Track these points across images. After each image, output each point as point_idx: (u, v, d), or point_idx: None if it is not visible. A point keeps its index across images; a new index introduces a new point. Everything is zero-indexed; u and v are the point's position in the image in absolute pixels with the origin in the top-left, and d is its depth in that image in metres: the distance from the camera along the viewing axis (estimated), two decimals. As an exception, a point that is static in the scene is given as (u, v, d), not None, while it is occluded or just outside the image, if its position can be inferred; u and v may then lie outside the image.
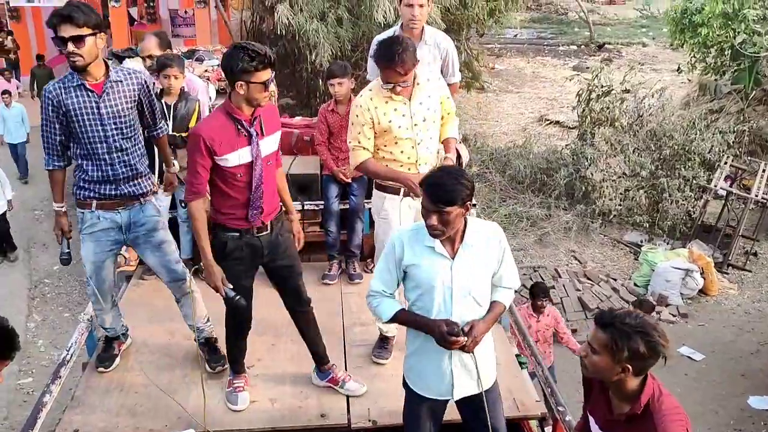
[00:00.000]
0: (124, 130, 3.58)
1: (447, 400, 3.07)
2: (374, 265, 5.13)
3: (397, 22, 4.73)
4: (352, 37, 10.78)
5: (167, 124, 4.66)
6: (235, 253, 3.48)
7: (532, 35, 24.66)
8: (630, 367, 2.38)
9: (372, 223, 5.32)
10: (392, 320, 3.00)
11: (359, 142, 3.76)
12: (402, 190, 3.83)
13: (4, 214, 9.16)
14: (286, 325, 3.80)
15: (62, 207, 3.74)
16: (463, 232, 2.86)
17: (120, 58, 6.37)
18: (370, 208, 5.18)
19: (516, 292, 3.13)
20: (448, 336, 2.79)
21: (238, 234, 3.44)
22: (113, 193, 3.64)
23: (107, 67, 3.55)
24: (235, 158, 3.31)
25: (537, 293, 6.27)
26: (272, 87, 3.83)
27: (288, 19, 10.15)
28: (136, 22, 16.85)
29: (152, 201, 3.84)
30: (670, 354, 2.48)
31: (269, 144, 3.43)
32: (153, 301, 4.64)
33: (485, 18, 13.29)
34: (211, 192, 3.45)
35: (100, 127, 3.52)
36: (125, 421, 3.63)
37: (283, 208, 3.67)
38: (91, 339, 4.17)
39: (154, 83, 4.81)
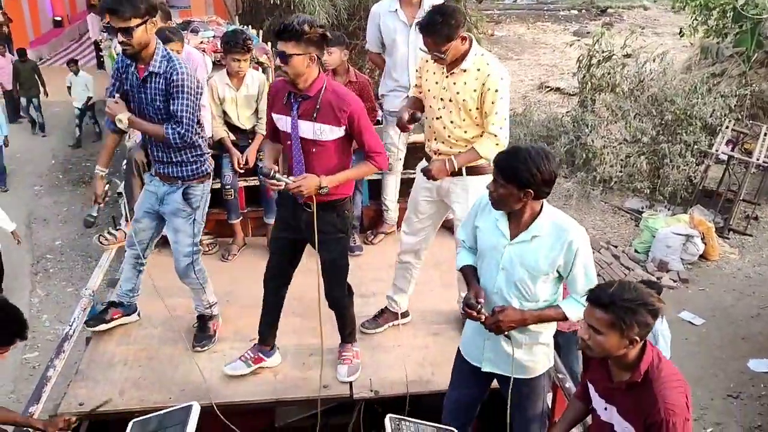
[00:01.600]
0: (156, 120, 3.59)
1: (485, 372, 3.06)
2: (374, 236, 5.19)
3: (393, -10, 4.66)
4: (348, 5, 10.65)
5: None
6: (281, 199, 3.63)
7: (532, 0, 24.34)
8: (637, 338, 2.39)
9: (371, 195, 5.35)
10: (460, 270, 3.06)
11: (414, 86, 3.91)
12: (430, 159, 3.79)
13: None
14: (289, 299, 3.81)
15: (102, 171, 3.76)
16: (534, 218, 2.76)
17: (114, 31, 6.29)
18: (368, 180, 5.19)
19: None
20: (465, 304, 2.80)
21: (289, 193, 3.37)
22: (155, 166, 3.80)
23: (155, 52, 3.48)
24: (279, 121, 3.43)
25: None
26: (263, 59, 3.83)
27: (283, -13, 10.02)
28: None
29: (186, 188, 3.76)
30: (668, 318, 2.49)
31: (314, 130, 3.30)
32: (155, 276, 4.64)
33: (484, -17, 13.11)
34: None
35: (142, 108, 3.60)
36: (129, 394, 3.67)
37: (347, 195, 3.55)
38: (94, 313, 4.19)
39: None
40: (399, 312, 4.17)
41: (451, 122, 3.64)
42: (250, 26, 8.39)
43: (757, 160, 10.12)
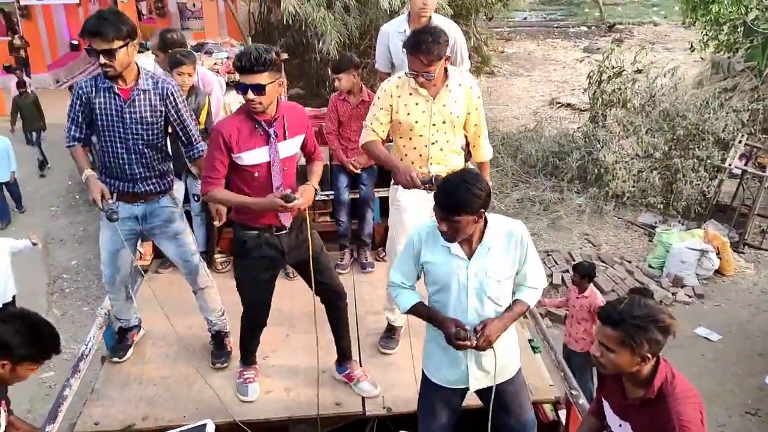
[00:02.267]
0: (146, 137, 3.62)
1: (465, 389, 3.07)
2: (386, 254, 5.21)
3: (402, 10, 4.73)
4: (359, 25, 10.75)
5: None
6: (253, 251, 3.49)
7: (542, 17, 24.44)
8: (649, 355, 2.39)
9: (383, 212, 5.37)
10: (410, 312, 3.00)
11: (371, 123, 3.76)
12: None
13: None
14: (301, 316, 3.84)
15: (90, 173, 3.58)
16: (483, 230, 2.82)
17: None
18: (380, 197, 5.22)
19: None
20: (455, 339, 2.79)
21: (256, 233, 3.46)
22: (130, 190, 3.70)
23: (139, 72, 3.56)
24: (252, 157, 3.32)
25: (577, 271, 6.00)
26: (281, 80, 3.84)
27: (295, 8, 10.13)
28: (145, 17, 16.91)
29: (170, 194, 3.88)
30: (684, 334, 2.49)
31: (290, 147, 3.41)
32: (169, 294, 4.70)
33: (493, 2, 13.20)
34: (231, 189, 3.46)
35: (122, 130, 3.58)
36: (144, 412, 3.70)
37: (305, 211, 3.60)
38: (110, 332, 4.23)
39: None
40: (400, 326, 4.21)
41: (447, 142, 3.74)
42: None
43: (771, 174, 10.06)
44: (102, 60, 3.38)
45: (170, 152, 3.88)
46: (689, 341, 7.77)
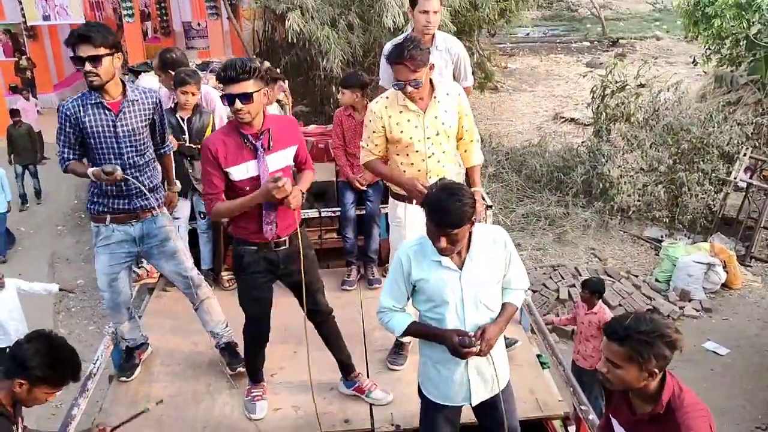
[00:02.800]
0: (138, 148, 3.67)
1: (463, 405, 3.07)
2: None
3: (406, 28, 4.76)
4: (363, 43, 10.82)
5: (184, 139, 4.75)
6: (252, 266, 3.50)
7: (545, 33, 24.56)
8: (656, 371, 2.38)
9: (389, 228, 5.38)
10: (405, 334, 2.99)
11: (368, 145, 3.80)
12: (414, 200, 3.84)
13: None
14: (310, 335, 3.82)
15: (92, 168, 3.56)
16: (469, 241, 2.85)
17: (136, 73, 6.46)
18: (386, 213, 5.22)
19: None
20: (461, 348, 2.79)
21: (255, 248, 3.46)
22: (126, 207, 3.71)
23: (124, 85, 3.62)
24: (241, 172, 3.30)
25: (586, 287, 5.95)
26: (281, 96, 3.87)
27: (299, 26, 10.22)
28: (149, 36, 17.05)
29: (164, 212, 3.91)
30: (692, 349, 2.48)
31: (279, 159, 3.38)
32: (176, 312, 4.70)
33: (496, 18, 13.27)
34: None
35: (115, 145, 3.60)
36: (152, 431, 3.68)
37: (299, 223, 3.59)
38: (117, 351, 4.23)
39: (171, 98, 4.89)
40: (408, 341, 4.19)
41: (444, 153, 3.77)
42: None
43: (777, 186, 10.06)
44: (87, 67, 3.41)
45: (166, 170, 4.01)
46: (698, 355, 7.73)
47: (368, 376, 3.97)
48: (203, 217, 5.03)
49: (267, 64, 3.41)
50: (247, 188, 3.32)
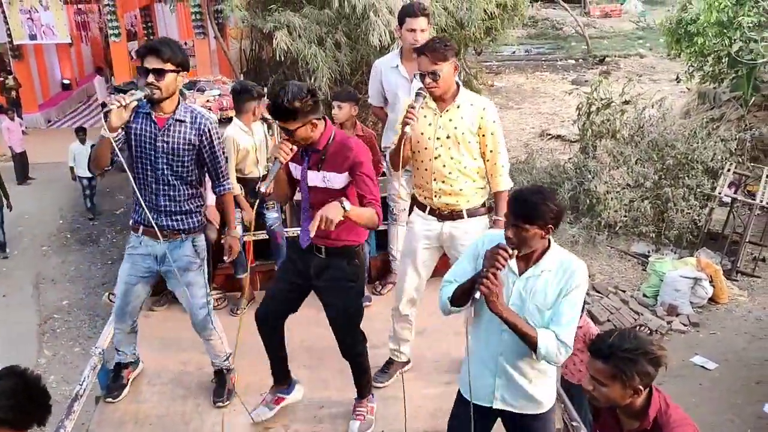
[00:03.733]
0: (175, 168, 3.61)
1: (492, 411, 3.00)
2: (382, 287, 5.20)
3: (393, 46, 4.80)
4: (350, 61, 10.87)
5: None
6: (288, 252, 3.68)
7: (527, 51, 24.80)
8: (641, 387, 2.39)
9: (379, 246, 5.38)
10: (453, 299, 2.88)
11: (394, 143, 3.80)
12: (427, 207, 3.84)
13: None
14: (300, 350, 3.81)
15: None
16: (542, 254, 2.80)
17: (122, 92, 6.44)
18: (375, 232, 5.22)
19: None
20: (498, 247, 2.69)
21: (292, 241, 3.57)
22: (155, 221, 3.64)
23: (178, 104, 3.61)
24: (293, 169, 3.49)
25: None
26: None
27: (287, 45, 10.25)
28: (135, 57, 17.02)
29: (193, 241, 3.80)
30: (680, 363, 2.49)
31: (318, 178, 3.39)
32: (164, 332, 4.66)
33: (482, 37, 13.39)
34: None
35: (153, 158, 3.59)
36: (140, 453, 3.63)
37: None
38: (104, 372, 4.18)
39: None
40: (404, 361, 4.20)
41: (451, 158, 3.72)
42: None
43: (761, 201, 10.16)
44: (150, 78, 3.43)
45: (202, 196, 3.84)
46: (686, 370, 7.75)
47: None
48: None
49: (321, 95, 3.44)
50: (298, 188, 3.53)
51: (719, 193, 10.41)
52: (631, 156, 11.21)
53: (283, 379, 3.82)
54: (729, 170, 10.90)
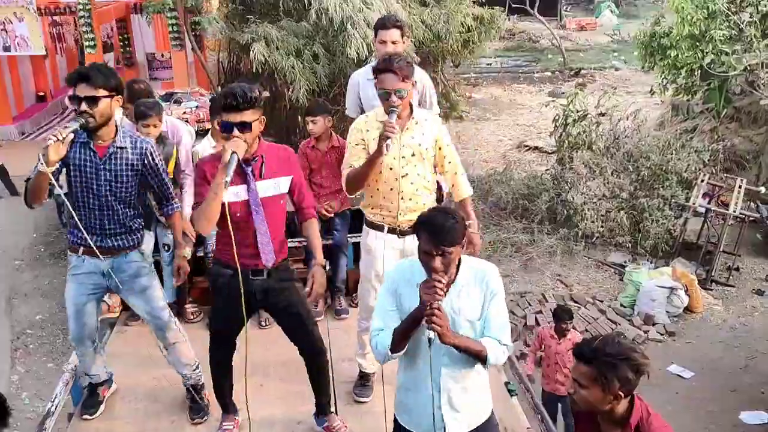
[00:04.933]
0: (119, 194, 3.58)
1: None
2: (358, 299, 5.18)
3: (370, 59, 4.81)
4: (328, 73, 10.88)
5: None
6: (223, 290, 3.46)
7: (507, 64, 25.02)
8: (621, 393, 2.40)
9: (356, 258, 5.36)
10: (393, 347, 2.82)
11: (349, 162, 3.76)
12: (386, 227, 3.83)
13: None
14: (276, 365, 3.78)
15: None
16: (457, 270, 2.82)
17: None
18: (354, 243, 5.22)
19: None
20: (426, 293, 2.66)
21: (231, 272, 3.39)
22: (98, 244, 3.61)
23: (116, 130, 3.54)
24: (230, 194, 3.28)
25: (560, 316, 5.98)
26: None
27: (264, 56, 10.23)
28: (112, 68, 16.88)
29: (141, 249, 3.81)
30: (657, 372, 2.51)
31: (269, 187, 3.37)
32: (138, 348, 4.60)
33: (459, 49, 13.48)
34: (220, 230, 3.45)
35: (95, 187, 3.53)
36: (113, 471, 3.57)
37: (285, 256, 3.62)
38: (76, 389, 4.11)
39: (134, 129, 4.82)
40: (372, 372, 4.16)
41: (418, 174, 3.76)
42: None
43: (734, 212, 10.30)
44: (83, 107, 3.34)
45: (141, 208, 3.84)
46: (662, 379, 7.80)
47: (335, 408, 3.92)
48: (167, 250, 4.95)
49: (266, 93, 3.43)
50: (237, 212, 3.32)
51: (693, 204, 10.54)
52: (607, 167, 11.32)
53: (231, 405, 3.84)
54: (703, 181, 11.05)
